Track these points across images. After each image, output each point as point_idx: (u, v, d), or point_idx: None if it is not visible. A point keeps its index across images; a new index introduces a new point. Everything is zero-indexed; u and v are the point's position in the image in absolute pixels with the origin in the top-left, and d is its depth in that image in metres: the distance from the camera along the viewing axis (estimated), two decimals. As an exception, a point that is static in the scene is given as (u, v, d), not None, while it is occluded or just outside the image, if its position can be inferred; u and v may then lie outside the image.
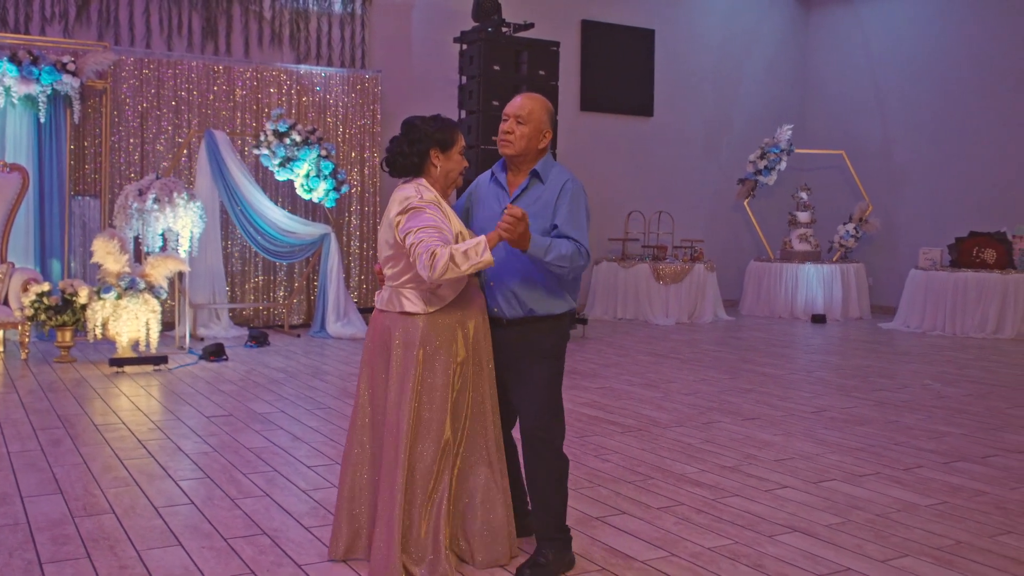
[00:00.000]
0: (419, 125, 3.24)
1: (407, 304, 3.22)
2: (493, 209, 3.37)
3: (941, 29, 12.13)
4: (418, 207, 3.12)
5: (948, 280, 10.63)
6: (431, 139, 3.23)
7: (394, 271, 3.24)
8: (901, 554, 3.60)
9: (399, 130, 3.29)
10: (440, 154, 3.26)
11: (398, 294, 3.24)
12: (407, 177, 3.29)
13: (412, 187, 3.21)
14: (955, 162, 12.00)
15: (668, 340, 9.84)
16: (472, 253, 2.99)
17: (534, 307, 3.33)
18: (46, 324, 7.73)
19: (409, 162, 3.24)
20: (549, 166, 3.38)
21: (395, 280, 3.24)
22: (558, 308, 3.37)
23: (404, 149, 3.24)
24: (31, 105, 8.76)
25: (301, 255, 9.75)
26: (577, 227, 3.27)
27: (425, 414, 3.19)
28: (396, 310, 3.24)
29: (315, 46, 10.56)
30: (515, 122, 3.31)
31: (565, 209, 3.28)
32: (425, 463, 3.20)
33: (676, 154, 12.94)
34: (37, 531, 3.68)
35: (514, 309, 3.34)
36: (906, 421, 6.02)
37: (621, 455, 5.03)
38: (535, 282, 3.31)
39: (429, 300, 3.19)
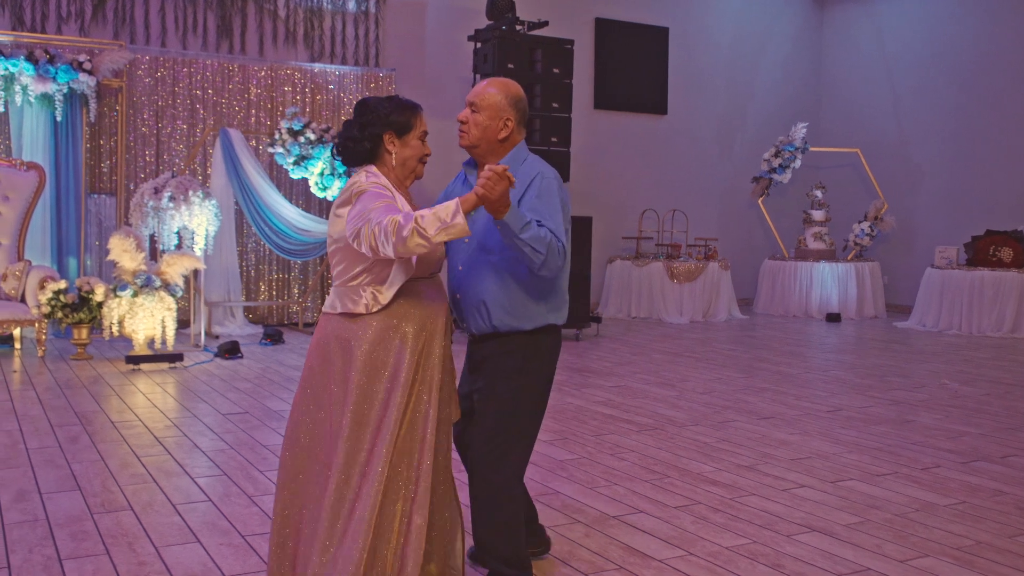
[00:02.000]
0: (372, 106, 2.86)
1: (348, 305, 2.82)
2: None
3: (956, 26, 12.05)
4: (363, 190, 2.76)
5: (964, 279, 10.57)
6: (385, 122, 2.84)
7: (338, 268, 2.85)
8: (921, 554, 3.58)
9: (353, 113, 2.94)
10: (396, 139, 2.86)
11: (343, 294, 2.84)
12: (359, 166, 2.91)
13: (361, 175, 2.85)
14: (971, 160, 11.93)
15: (682, 339, 9.81)
16: (443, 214, 2.54)
17: (496, 322, 2.96)
18: (63, 321, 7.77)
19: (360, 148, 2.86)
20: (519, 159, 3.00)
21: (339, 279, 2.86)
22: (528, 324, 2.96)
23: (355, 133, 2.86)
24: (48, 104, 8.80)
25: (315, 253, 9.76)
26: (549, 217, 2.85)
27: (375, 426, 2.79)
28: (334, 311, 2.85)
29: (329, 45, 10.57)
30: (468, 110, 2.97)
31: (532, 200, 2.88)
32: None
33: (690, 152, 12.91)
34: (56, 527, 3.70)
35: (481, 323, 2.99)
36: (923, 421, 5.98)
37: (637, 453, 5.02)
38: (507, 293, 2.94)
39: (376, 298, 2.80)
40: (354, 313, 2.81)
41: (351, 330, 2.81)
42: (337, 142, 2.93)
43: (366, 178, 2.82)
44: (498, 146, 2.99)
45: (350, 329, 2.81)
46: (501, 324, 2.96)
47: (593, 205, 11.52)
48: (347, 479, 2.77)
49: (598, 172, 12.01)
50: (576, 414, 6.00)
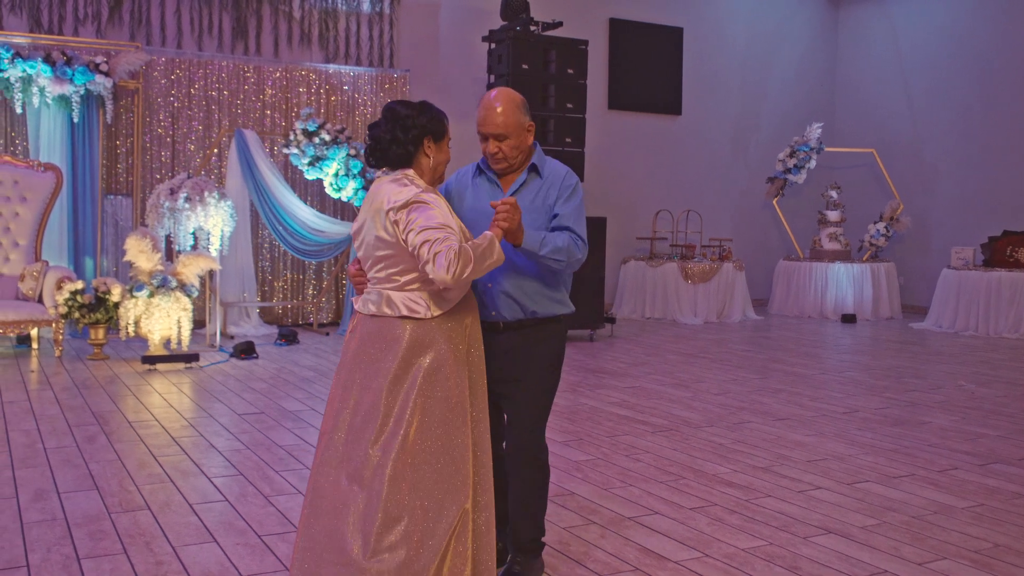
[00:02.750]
0: (410, 113, 2.92)
1: (411, 307, 2.85)
2: (486, 207, 3.10)
3: (972, 26, 11.98)
4: (423, 200, 2.80)
5: (981, 280, 10.51)
6: (426, 128, 2.93)
7: (390, 271, 2.88)
8: (939, 557, 3.56)
9: (382, 117, 2.97)
10: (433, 144, 2.96)
11: (397, 297, 2.87)
12: (394, 168, 2.96)
13: (403, 179, 2.90)
14: (988, 160, 11.86)
15: (697, 339, 9.79)
16: (487, 252, 2.76)
17: (536, 308, 3.15)
18: (80, 322, 7.81)
19: (403, 151, 2.92)
20: (543, 158, 3.23)
21: (391, 282, 2.88)
22: (560, 309, 3.21)
23: (398, 136, 2.91)
24: (64, 105, 8.85)
25: (330, 254, 9.79)
26: (578, 221, 3.14)
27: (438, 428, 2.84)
28: (396, 314, 2.86)
29: (344, 45, 10.59)
30: (495, 142, 3.11)
31: (567, 202, 3.15)
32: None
33: (704, 153, 12.88)
34: (75, 526, 3.72)
35: (514, 311, 3.15)
36: (940, 422, 5.95)
37: (652, 455, 5.01)
38: (535, 281, 3.15)
39: (437, 302, 2.86)
40: (417, 317, 2.85)
41: (415, 332, 2.85)
42: (372, 144, 2.96)
43: (412, 184, 2.87)
44: (525, 153, 3.19)
45: (414, 331, 2.85)
46: (537, 311, 3.16)
47: (607, 205, 11.50)
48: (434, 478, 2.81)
49: (612, 172, 11.99)
50: (591, 415, 5.99)
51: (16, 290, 8.09)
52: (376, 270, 2.91)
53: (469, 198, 3.21)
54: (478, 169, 3.25)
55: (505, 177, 3.21)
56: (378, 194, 2.90)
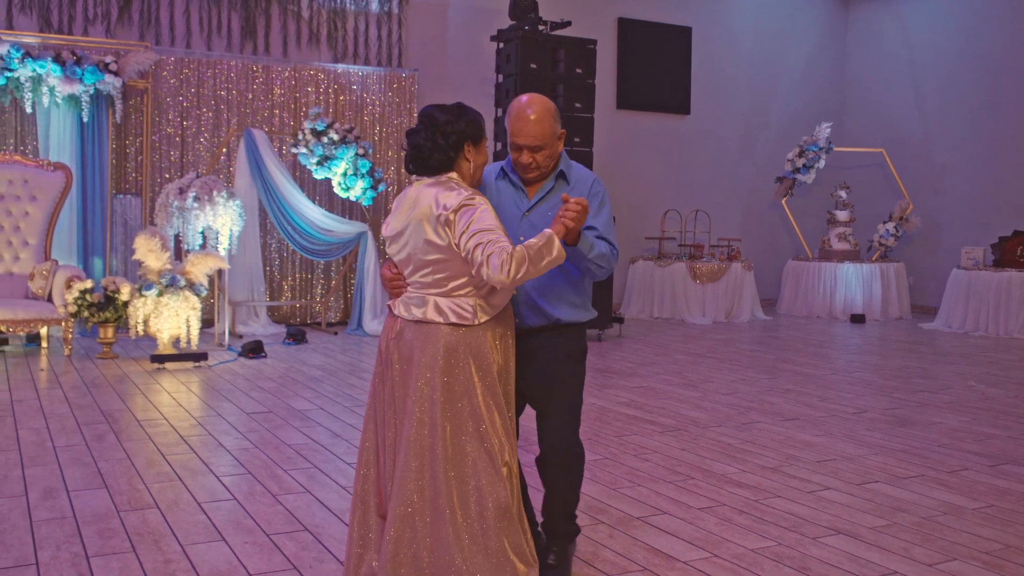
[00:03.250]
0: (449, 119, 2.92)
1: (460, 314, 2.87)
2: (510, 211, 3.11)
3: (982, 25, 11.93)
4: (473, 203, 2.81)
5: (991, 280, 10.46)
6: (466, 133, 2.93)
7: (438, 276, 2.88)
8: (949, 558, 3.54)
9: (420, 123, 2.96)
10: (472, 148, 2.96)
11: (444, 303, 2.88)
12: (434, 175, 2.96)
13: (449, 182, 2.91)
14: (998, 160, 11.80)
15: (705, 339, 9.77)
16: (545, 250, 2.76)
17: (561, 316, 3.16)
18: (89, 321, 7.84)
19: (444, 157, 2.92)
20: (570, 164, 3.21)
21: (439, 287, 2.89)
22: (583, 316, 3.23)
23: (439, 143, 2.90)
24: (74, 105, 8.88)
25: (338, 253, 9.80)
26: (610, 231, 3.15)
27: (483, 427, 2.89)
28: (445, 320, 2.87)
29: (352, 45, 10.60)
30: (529, 152, 3.07)
31: (598, 213, 3.13)
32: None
33: (713, 152, 12.86)
34: (83, 525, 3.73)
35: (537, 318, 3.15)
36: (950, 423, 5.93)
37: (661, 455, 5.00)
38: (561, 289, 3.15)
39: (484, 309, 2.89)
40: (466, 324, 2.87)
41: (461, 339, 2.87)
42: (413, 152, 2.95)
43: (460, 187, 2.89)
44: (555, 161, 3.17)
45: (466, 337, 2.87)
46: (561, 318, 3.16)
47: (615, 205, 11.47)
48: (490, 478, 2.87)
49: (620, 172, 11.97)
50: (599, 415, 5.98)
51: (26, 289, 8.12)
52: (422, 274, 2.91)
53: (491, 199, 3.12)
54: (501, 172, 3.22)
55: (529, 182, 3.18)
56: (422, 198, 2.89)
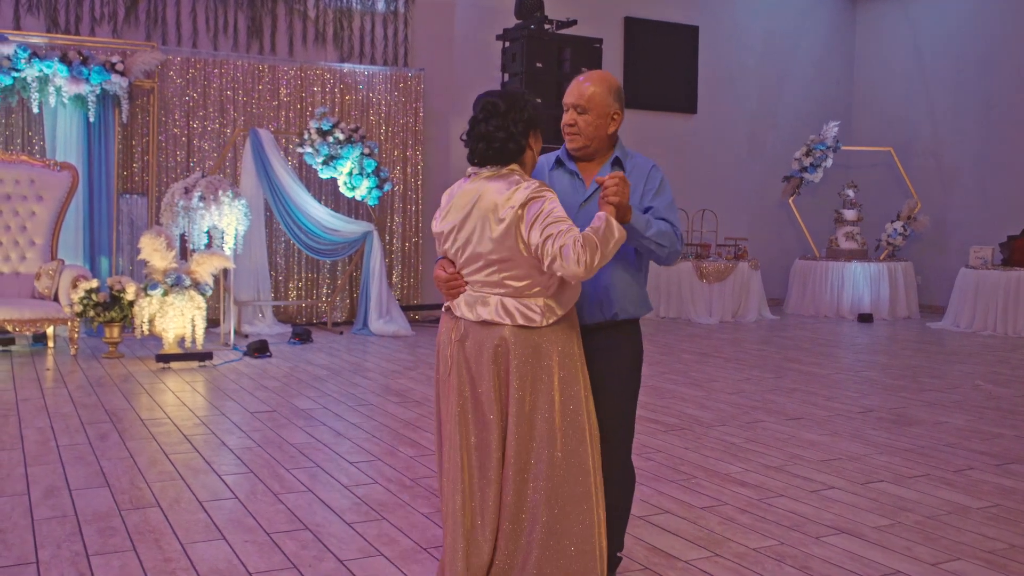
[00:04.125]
0: (512, 105, 2.77)
1: (527, 315, 2.75)
2: (566, 201, 2.89)
3: (991, 23, 11.87)
4: (540, 195, 2.69)
5: (1000, 279, 10.41)
6: (532, 120, 2.79)
7: (504, 276, 2.75)
8: (952, 557, 3.52)
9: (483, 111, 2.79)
10: (535, 135, 2.83)
11: (512, 304, 2.76)
12: (503, 165, 2.80)
13: (512, 175, 2.77)
14: (1007, 158, 11.74)
15: (711, 339, 9.74)
16: (607, 233, 2.62)
17: (619, 310, 2.99)
18: (95, 320, 7.85)
19: (518, 146, 2.77)
20: (626, 152, 3.07)
21: (504, 287, 2.76)
22: (641, 311, 3.06)
23: (513, 130, 2.74)
24: (81, 104, 8.90)
25: (344, 253, 9.80)
26: (673, 213, 2.99)
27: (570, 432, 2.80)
28: (512, 322, 2.75)
29: (358, 45, 10.61)
30: (575, 112, 2.94)
31: (659, 195, 2.99)
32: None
33: (720, 151, 12.82)
34: (85, 523, 3.73)
35: (597, 313, 2.99)
36: (956, 422, 5.89)
37: (664, 454, 4.98)
38: (621, 281, 2.99)
39: (552, 309, 2.77)
40: (533, 326, 2.76)
41: (533, 340, 2.76)
42: (483, 143, 2.78)
43: (525, 180, 2.76)
44: (607, 141, 3.01)
45: (530, 340, 2.76)
46: (619, 312, 3.00)
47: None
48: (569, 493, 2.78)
49: (627, 171, 11.94)
50: (603, 414, 5.96)
51: (32, 289, 8.14)
52: (487, 273, 2.77)
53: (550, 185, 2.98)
54: (556, 161, 3.09)
55: (587, 169, 3.04)
56: (486, 194, 2.74)
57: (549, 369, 2.77)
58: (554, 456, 2.75)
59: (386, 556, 3.43)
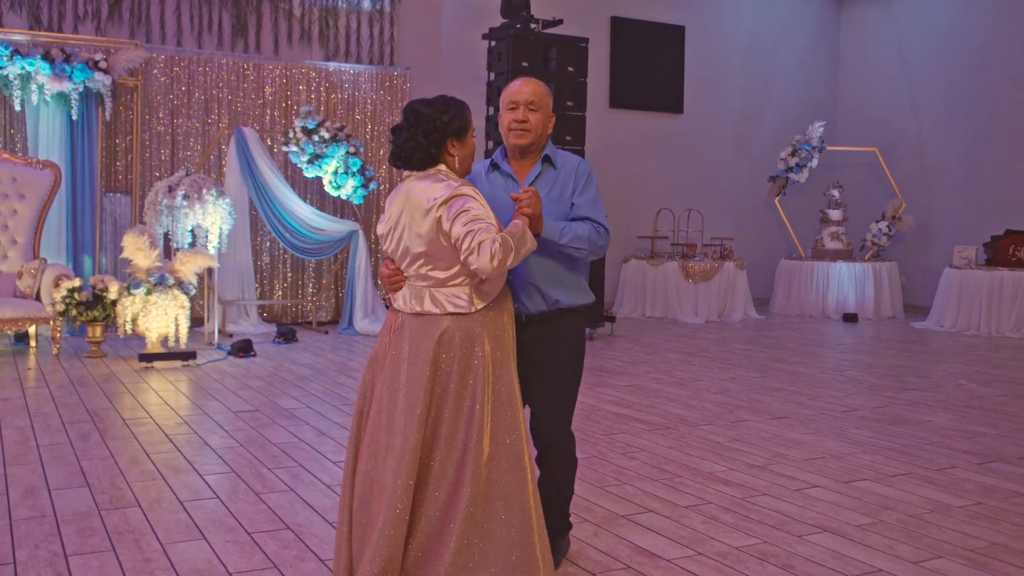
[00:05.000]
0: (431, 114, 2.93)
1: (455, 303, 2.90)
2: (502, 199, 3.13)
3: (975, 25, 11.93)
4: (463, 193, 2.85)
5: (983, 279, 10.46)
6: (448, 128, 2.94)
7: (431, 268, 2.91)
8: (934, 555, 3.52)
9: (404, 119, 2.97)
10: (456, 142, 2.97)
11: (440, 294, 2.91)
12: (420, 170, 2.98)
13: (438, 175, 2.94)
14: (990, 159, 11.80)
15: (697, 338, 9.75)
16: (522, 239, 2.83)
17: (559, 298, 3.18)
18: (77, 319, 7.80)
19: (427, 155, 2.95)
20: (555, 150, 3.27)
21: (431, 279, 2.92)
22: (582, 299, 3.25)
23: (421, 141, 2.92)
24: (63, 102, 8.84)
25: (329, 252, 9.77)
26: (596, 208, 3.20)
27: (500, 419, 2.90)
28: (441, 311, 2.90)
29: (344, 43, 10.57)
30: (527, 110, 3.15)
31: (584, 191, 3.20)
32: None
33: (706, 151, 12.84)
34: (63, 523, 3.70)
35: (537, 303, 3.17)
36: (939, 421, 5.91)
37: (648, 453, 4.98)
38: (556, 272, 3.17)
39: (479, 296, 2.92)
40: (461, 312, 2.90)
41: (461, 327, 2.90)
42: (396, 149, 2.97)
43: (448, 179, 2.91)
44: (544, 141, 3.24)
45: (460, 326, 2.90)
46: (560, 300, 3.19)
47: (608, 204, 11.39)
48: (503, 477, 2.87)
49: (613, 171, 11.95)
50: (588, 413, 5.96)
51: (14, 288, 8.07)
52: (417, 267, 2.94)
53: (484, 193, 3.13)
54: (491, 165, 3.28)
55: (519, 169, 3.23)
56: (413, 192, 2.92)
57: (482, 354, 2.89)
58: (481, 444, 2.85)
59: (368, 556, 3.41)
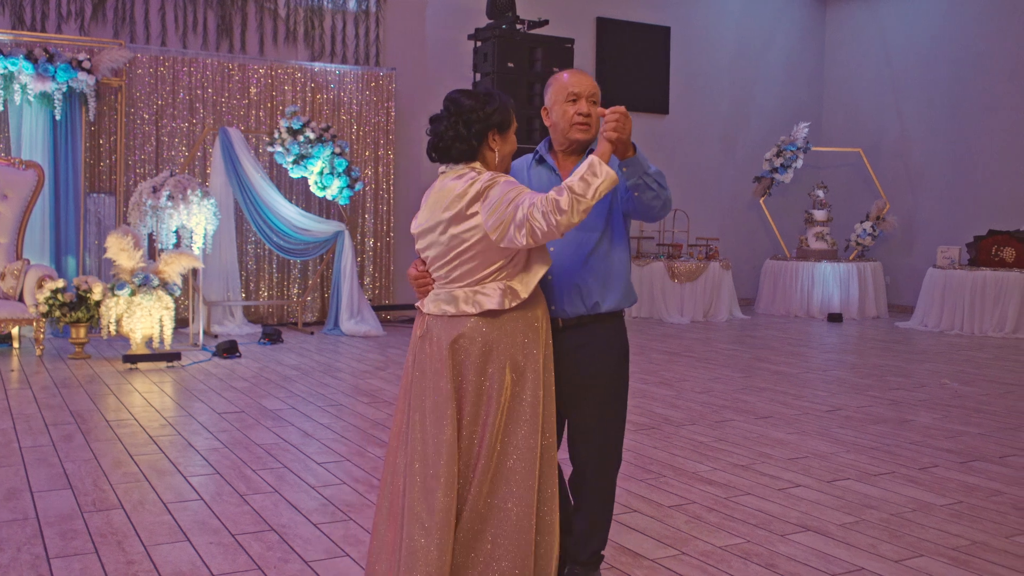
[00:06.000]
0: (473, 105, 2.77)
1: (485, 302, 2.72)
2: (547, 189, 2.84)
3: (960, 26, 12.00)
4: (495, 181, 2.68)
5: (966, 279, 10.53)
6: (491, 120, 2.78)
7: (465, 269, 2.74)
8: (916, 554, 3.55)
9: (444, 109, 2.82)
10: (499, 136, 2.80)
11: (470, 294, 2.74)
12: (457, 163, 2.80)
13: (471, 172, 2.76)
14: (974, 160, 11.88)
15: (683, 339, 9.78)
16: (589, 176, 2.55)
17: (599, 299, 2.91)
18: (60, 321, 7.76)
19: (467, 147, 2.76)
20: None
21: (464, 280, 2.75)
22: (623, 302, 2.97)
23: (462, 131, 2.75)
24: (47, 103, 8.79)
25: (315, 252, 9.75)
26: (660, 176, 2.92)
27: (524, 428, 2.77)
28: (474, 311, 2.72)
29: (329, 44, 10.56)
30: (590, 103, 2.92)
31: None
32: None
33: (692, 152, 12.88)
34: (46, 525, 3.68)
35: (577, 305, 2.91)
36: (922, 420, 5.95)
37: (633, 453, 4.99)
38: (600, 271, 2.91)
39: (513, 292, 2.73)
40: (494, 311, 2.72)
41: (496, 329, 2.73)
42: (435, 139, 2.80)
43: (481, 174, 2.74)
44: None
45: (495, 329, 2.73)
46: (601, 302, 2.92)
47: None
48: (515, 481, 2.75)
49: (599, 172, 11.96)
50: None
51: (-3, 289, 8.03)
52: (450, 269, 2.76)
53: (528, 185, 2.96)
54: (536, 159, 3.05)
55: (564, 164, 2.98)
56: (445, 191, 2.74)
57: (509, 360, 2.73)
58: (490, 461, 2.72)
59: (352, 557, 3.42)
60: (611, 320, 2.96)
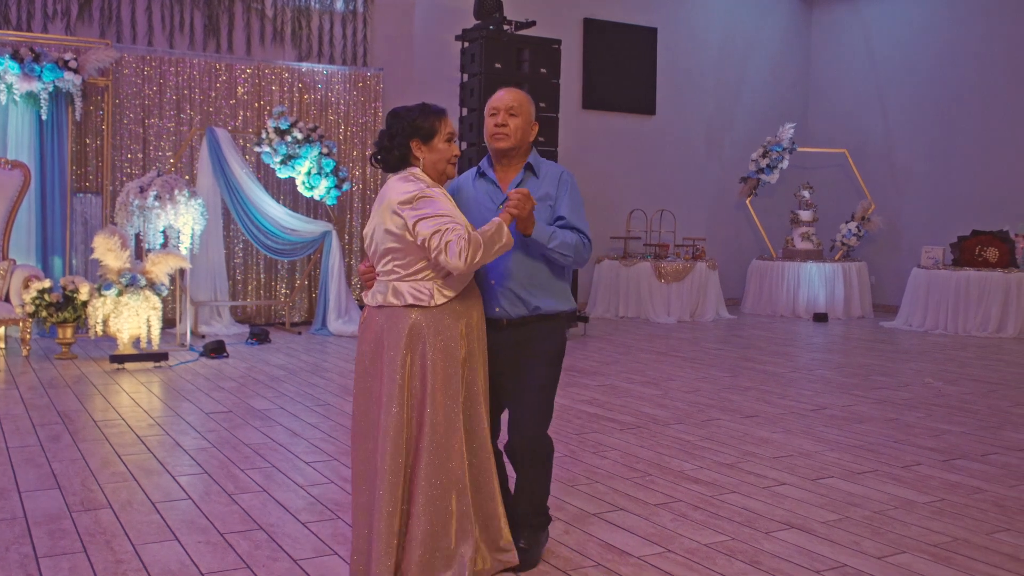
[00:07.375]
0: (400, 114, 3.09)
1: (417, 296, 3.00)
2: (487, 207, 3.26)
3: (944, 27, 12.10)
4: (427, 195, 2.96)
5: (950, 279, 10.61)
6: (409, 130, 3.06)
7: (396, 263, 3.03)
8: (898, 551, 3.59)
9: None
10: (422, 145, 3.07)
11: (403, 287, 3.02)
12: (396, 171, 3.13)
13: (408, 175, 3.06)
14: (958, 160, 11.97)
15: (669, 338, 9.83)
16: (495, 236, 2.94)
17: (540, 304, 3.25)
18: (47, 321, 7.74)
19: (392, 156, 3.09)
20: (539, 159, 3.37)
21: (396, 273, 3.03)
22: (562, 306, 3.31)
23: (385, 143, 3.09)
24: (33, 102, 8.77)
25: (302, 253, 9.76)
26: (581, 219, 3.28)
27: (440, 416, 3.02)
28: (402, 303, 3.01)
29: (317, 44, 10.56)
30: (507, 115, 3.25)
31: (568, 201, 3.28)
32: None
33: (678, 152, 12.93)
34: (34, 525, 3.69)
35: (518, 308, 3.24)
36: (906, 419, 6.01)
37: (620, 452, 5.03)
38: (541, 277, 3.26)
39: (442, 290, 3.02)
40: (422, 305, 3.01)
41: (422, 320, 3.01)
42: (375, 150, 3.14)
43: (416, 180, 3.03)
44: (527, 148, 3.33)
45: (421, 319, 3.01)
46: (540, 306, 3.26)
47: (581, 205, 11.50)
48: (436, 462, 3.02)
49: (586, 172, 11.99)
50: (560, 413, 5.99)
51: (-17, 289, 8.01)
52: (384, 263, 3.06)
53: (473, 204, 3.30)
54: (478, 173, 3.38)
55: (503, 176, 3.32)
56: (386, 192, 3.05)
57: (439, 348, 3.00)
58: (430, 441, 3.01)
59: (340, 555, 3.44)
60: (552, 321, 3.31)
